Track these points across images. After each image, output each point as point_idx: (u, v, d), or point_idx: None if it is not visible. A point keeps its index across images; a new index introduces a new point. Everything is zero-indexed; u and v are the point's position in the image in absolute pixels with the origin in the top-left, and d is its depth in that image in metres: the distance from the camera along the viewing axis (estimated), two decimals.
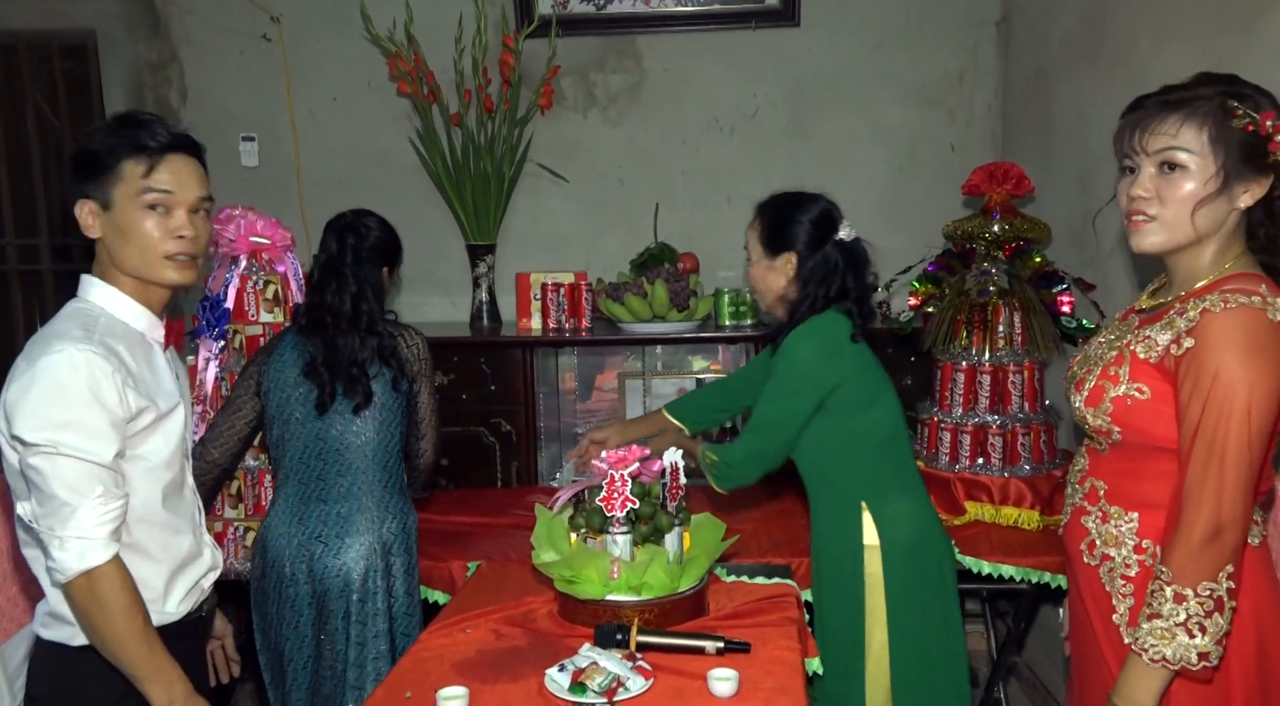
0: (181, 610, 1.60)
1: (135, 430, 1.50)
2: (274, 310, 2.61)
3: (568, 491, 1.95)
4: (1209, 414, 1.34)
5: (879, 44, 3.55)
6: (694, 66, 3.60)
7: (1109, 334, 1.59)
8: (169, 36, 3.66)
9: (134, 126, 1.54)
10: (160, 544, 1.57)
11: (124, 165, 1.52)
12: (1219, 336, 1.35)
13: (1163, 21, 2.36)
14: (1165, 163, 1.41)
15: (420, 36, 3.34)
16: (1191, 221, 1.41)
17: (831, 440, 1.99)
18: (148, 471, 1.54)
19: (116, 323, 1.55)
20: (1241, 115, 1.37)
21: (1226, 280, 1.42)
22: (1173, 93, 1.43)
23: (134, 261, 1.55)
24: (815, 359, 1.94)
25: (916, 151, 3.58)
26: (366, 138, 3.61)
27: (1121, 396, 1.46)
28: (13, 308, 3.86)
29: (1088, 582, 1.55)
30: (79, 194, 1.54)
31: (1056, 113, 3.02)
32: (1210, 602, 1.34)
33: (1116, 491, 1.52)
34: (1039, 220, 2.63)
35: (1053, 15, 3.07)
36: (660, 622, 1.76)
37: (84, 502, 1.42)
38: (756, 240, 2.06)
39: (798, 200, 2.06)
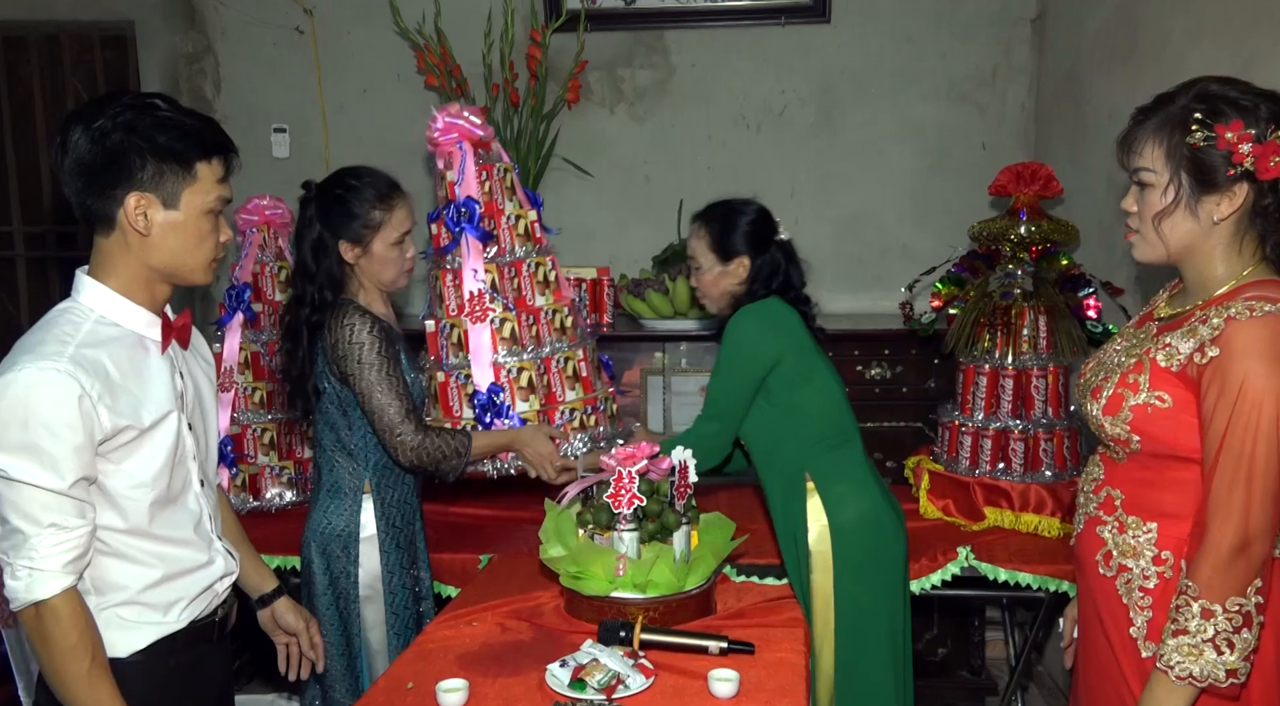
0: (185, 618, 1.53)
1: (114, 447, 1.41)
2: (287, 290, 2.69)
3: (576, 487, 1.95)
4: (1235, 425, 1.32)
5: (909, 39, 3.50)
6: (722, 62, 3.58)
7: (1125, 340, 1.56)
8: (204, 28, 3.72)
9: (192, 122, 1.46)
10: (154, 554, 1.49)
11: (200, 167, 1.45)
12: (1245, 345, 1.32)
13: (1195, 20, 2.31)
14: (1137, 180, 1.45)
15: (449, 30, 3.35)
16: (1159, 235, 1.42)
17: (773, 418, 2.07)
18: (133, 487, 1.45)
19: (107, 326, 1.45)
20: (1197, 130, 1.36)
21: (1247, 287, 1.39)
22: (1152, 104, 1.43)
23: (182, 261, 1.48)
24: (754, 336, 2.04)
25: (946, 149, 3.53)
26: (395, 130, 3.63)
27: (1141, 405, 1.43)
28: (55, 296, 3.95)
29: (1103, 594, 1.52)
30: (125, 187, 1.42)
31: (1088, 112, 2.96)
32: (1239, 618, 1.32)
33: (1134, 501, 1.49)
34: (1067, 222, 2.58)
35: (1087, 12, 3.01)
36: (665, 621, 1.76)
37: (36, 531, 1.34)
38: (706, 248, 2.15)
39: (739, 207, 2.16)
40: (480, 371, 2.15)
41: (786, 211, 3.61)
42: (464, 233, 2.18)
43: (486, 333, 2.16)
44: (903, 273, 3.22)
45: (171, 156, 1.43)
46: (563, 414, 2.20)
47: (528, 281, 2.24)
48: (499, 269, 2.21)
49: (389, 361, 2.01)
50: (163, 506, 1.49)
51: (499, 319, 2.18)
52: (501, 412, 2.14)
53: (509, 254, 2.23)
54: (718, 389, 2.09)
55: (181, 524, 1.53)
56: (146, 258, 1.46)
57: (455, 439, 2.07)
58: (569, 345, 2.25)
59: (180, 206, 1.45)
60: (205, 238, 1.49)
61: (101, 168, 1.41)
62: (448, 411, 2.20)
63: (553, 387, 2.21)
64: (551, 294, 2.26)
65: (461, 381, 2.17)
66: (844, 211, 3.60)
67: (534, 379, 2.18)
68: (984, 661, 3.21)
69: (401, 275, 2.12)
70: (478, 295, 2.16)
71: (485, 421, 2.14)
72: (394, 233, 2.07)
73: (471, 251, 2.18)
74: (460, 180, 2.20)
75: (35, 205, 3.94)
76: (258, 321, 2.76)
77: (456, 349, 2.19)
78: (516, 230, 2.25)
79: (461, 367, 2.17)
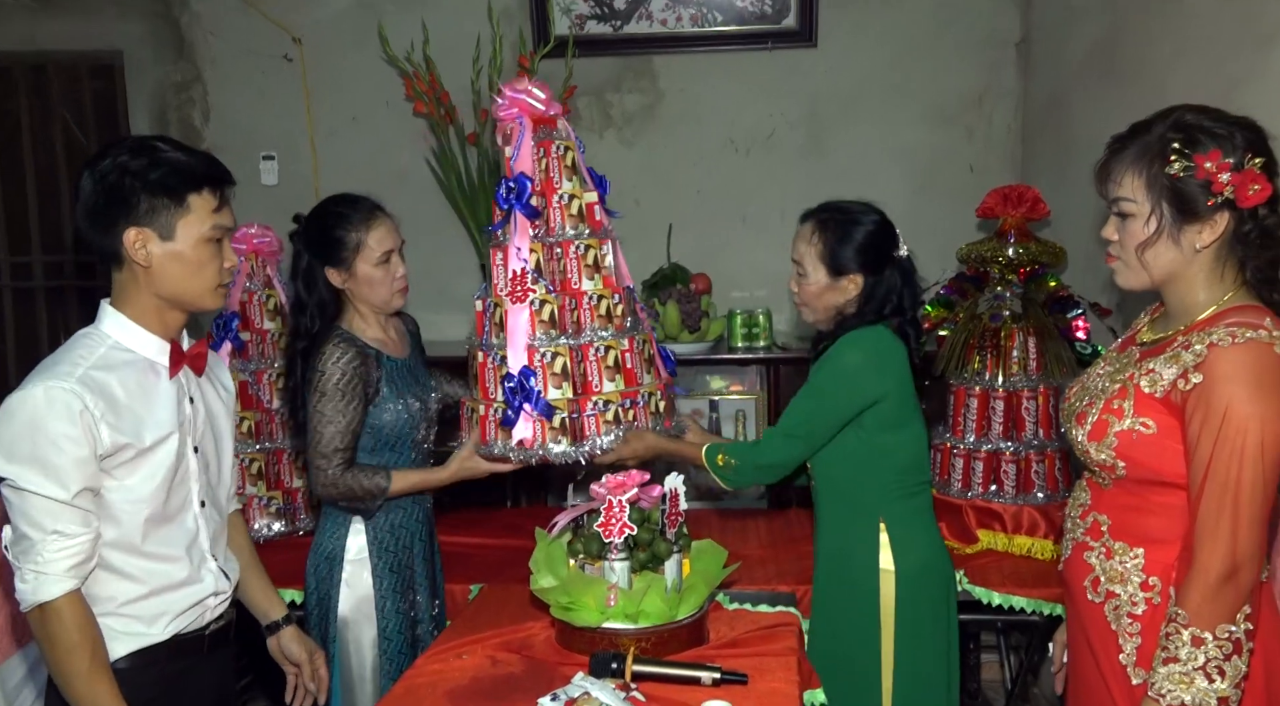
0: (169, 632, 1.60)
1: (116, 463, 1.52)
2: (275, 319, 2.70)
3: (566, 516, 1.94)
4: (1221, 451, 1.32)
5: (896, 63, 3.53)
6: (710, 87, 3.60)
7: (1108, 365, 1.57)
8: (194, 58, 3.73)
9: (183, 158, 1.55)
10: (143, 569, 1.57)
11: (192, 199, 1.54)
12: (1228, 372, 1.32)
13: (1178, 43, 2.33)
14: (1116, 210, 1.45)
15: (437, 57, 3.37)
16: (1141, 264, 1.44)
17: (860, 456, 1.95)
18: (130, 502, 1.54)
19: (121, 352, 1.57)
20: (1174, 160, 1.37)
21: (1228, 312, 1.39)
22: (1128, 134, 1.44)
23: (185, 290, 1.58)
24: (862, 368, 1.91)
25: (934, 172, 3.55)
26: (384, 157, 3.64)
27: (1126, 430, 1.43)
28: (38, 324, 3.93)
29: (1092, 620, 1.51)
30: (126, 222, 1.52)
31: (1074, 134, 2.98)
32: (1229, 645, 1.31)
33: (1121, 526, 1.48)
34: (1055, 244, 2.59)
35: (1071, 36, 3.04)
36: (657, 651, 1.74)
37: (42, 537, 1.45)
38: (816, 258, 1.98)
39: (858, 215, 1.99)
40: (514, 353, 2.03)
41: (776, 235, 3.63)
42: (513, 209, 2.07)
43: (525, 313, 2.04)
44: None
45: (162, 191, 1.53)
46: (595, 405, 2.05)
47: (574, 264, 2.10)
48: (544, 249, 2.09)
49: (344, 395, 2.02)
50: (158, 523, 1.58)
51: (539, 300, 2.05)
52: (531, 397, 2.01)
53: (557, 234, 2.11)
54: (808, 410, 1.95)
55: (175, 541, 1.61)
56: (153, 287, 1.57)
57: (373, 480, 2.04)
58: (613, 334, 2.10)
59: (176, 237, 1.55)
60: (205, 265, 1.58)
61: (102, 207, 1.53)
62: (484, 392, 2.09)
63: (589, 377, 2.08)
64: (601, 279, 2.12)
65: (497, 362, 2.07)
66: None
67: (568, 366, 2.04)
68: (980, 685, 3.18)
69: (394, 295, 2.12)
70: (520, 274, 2.05)
71: (515, 405, 2.01)
72: (375, 252, 2.07)
73: (519, 229, 2.07)
74: (516, 156, 2.10)
75: (22, 236, 3.93)
76: (245, 350, 2.75)
77: (497, 329, 2.09)
78: (569, 210, 2.11)
79: (499, 348, 2.06)
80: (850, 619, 1.98)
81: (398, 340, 2.20)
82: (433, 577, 2.23)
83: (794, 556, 2.50)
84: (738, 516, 2.93)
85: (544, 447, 2.01)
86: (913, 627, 1.94)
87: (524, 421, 2.01)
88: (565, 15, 3.54)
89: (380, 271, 2.08)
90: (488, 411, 2.07)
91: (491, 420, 2.06)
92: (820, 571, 2.07)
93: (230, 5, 3.64)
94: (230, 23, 3.67)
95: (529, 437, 2.01)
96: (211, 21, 3.68)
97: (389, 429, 2.09)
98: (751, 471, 1.99)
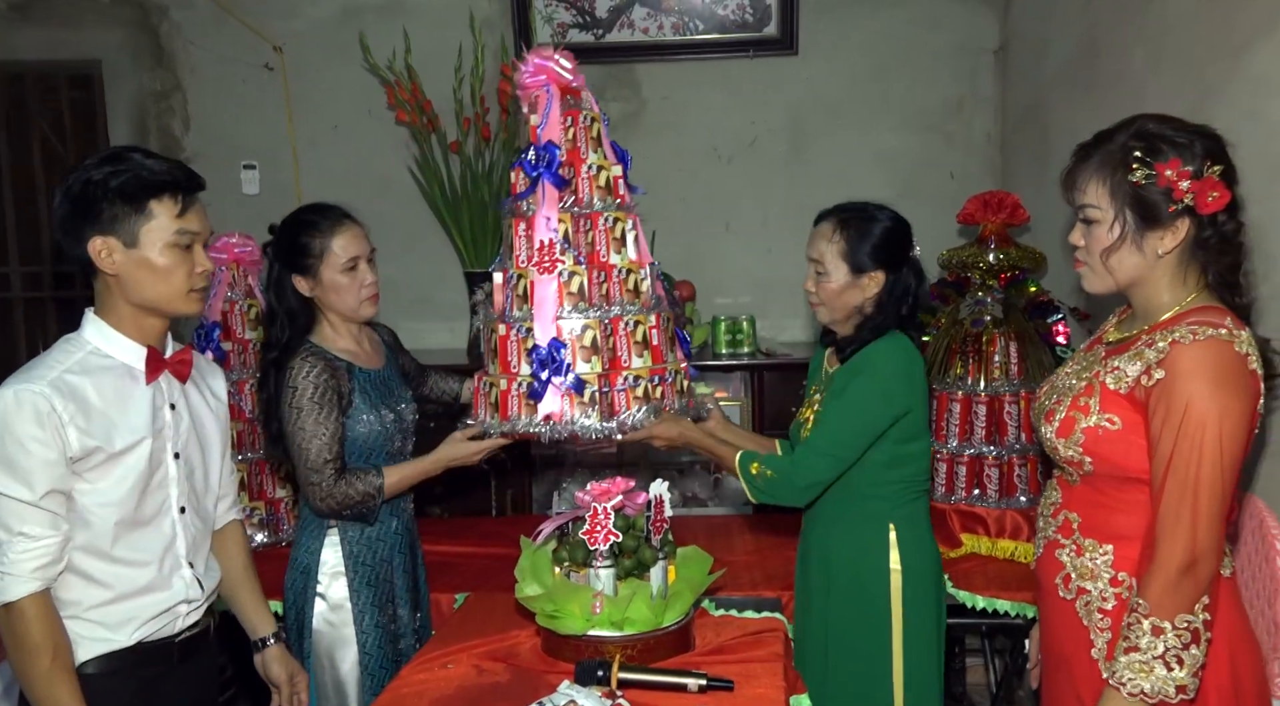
0: (134, 638, 1.60)
1: (86, 467, 1.53)
2: (257, 328, 2.69)
3: (551, 523, 1.93)
4: (1181, 445, 1.36)
5: (877, 71, 3.56)
6: (693, 95, 3.61)
7: (1075, 364, 1.61)
8: (173, 66, 3.71)
9: (152, 165, 1.57)
10: (110, 574, 1.58)
11: (153, 205, 1.56)
12: (1190, 368, 1.37)
13: (1154, 51, 2.36)
14: (1082, 217, 1.50)
15: (419, 66, 3.37)
16: (1106, 269, 1.48)
17: (878, 465, 1.94)
18: (101, 505, 1.56)
19: (98, 358, 1.59)
20: (1137, 168, 1.41)
21: (1190, 313, 1.44)
22: (1092, 142, 1.48)
23: (155, 295, 1.59)
24: (896, 381, 1.90)
25: (915, 178, 3.57)
26: (366, 165, 3.63)
27: (1093, 427, 1.47)
28: (16, 335, 3.89)
29: (1063, 617, 1.55)
30: (89, 231, 1.55)
31: (1053, 141, 3.01)
32: (1188, 635, 1.35)
33: (1090, 524, 1.52)
34: (1034, 249, 2.61)
35: (1049, 44, 3.07)
36: (643, 659, 1.73)
37: (9, 538, 1.48)
38: (837, 256, 1.96)
39: (876, 213, 1.99)
40: (542, 326, 1.96)
41: (759, 241, 3.66)
42: (541, 178, 1.99)
43: (553, 285, 1.97)
44: None
45: (122, 198, 1.55)
46: (625, 380, 1.98)
47: (602, 236, 2.04)
48: (573, 220, 2.02)
49: (321, 407, 1.99)
50: (129, 527, 1.59)
51: (568, 272, 1.98)
52: (561, 370, 1.93)
53: (585, 205, 2.03)
54: (846, 427, 1.90)
55: (147, 546, 1.62)
56: (125, 294, 1.59)
57: (366, 480, 2.01)
58: (641, 309, 2.04)
59: (140, 244, 1.57)
60: (173, 270, 1.59)
61: (70, 216, 1.56)
62: (505, 367, 2.00)
63: (618, 351, 2.00)
64: (628, 254, 2.07)
65: (522, 335, 1.98)
66: None
67: (598, 339, 1.97)
68: (965, 688, 3.19)
69: (362, 303, 2.09)
70: (548, 245, 1.98)
71: (543, 378, 1.94)
72: (340, 258, 2.04)
73: (547, 198, 1.99)
74: (543, 124, 2.02)
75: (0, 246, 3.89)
76: (228, 360, 2.73)
77: (521, 301, 2.01)
78: (597, 181, 2.05)
79: (524, 321, 1.98)
80: (861, 619, 1.97)
81: (371, 351, 2.18)
82: (415, 590, 2.20)
83: (779, 561, 2.50)
84: (722, 522, 2.93)
85: (574, 422, 1.93)
86: (918, 623, 1.95)
87: (552, 395, 1.93)
88: (547, 24, 3.54)
89: (346, 278, 2.06)
90: (510, 386, 1.97)
91: (515, 395, 1.96)
92: (822, 575, 2.02)
93: (210, 14, 3.62)
94: (210, 32, 3.65)
95: (557, 412, 1.94)
96: (191, 30, 3.67)
97: (362, 441, 2.07)
98: (788, 490, 1.93)
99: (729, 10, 3.52)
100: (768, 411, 3.18)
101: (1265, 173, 1.89)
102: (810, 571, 2.06)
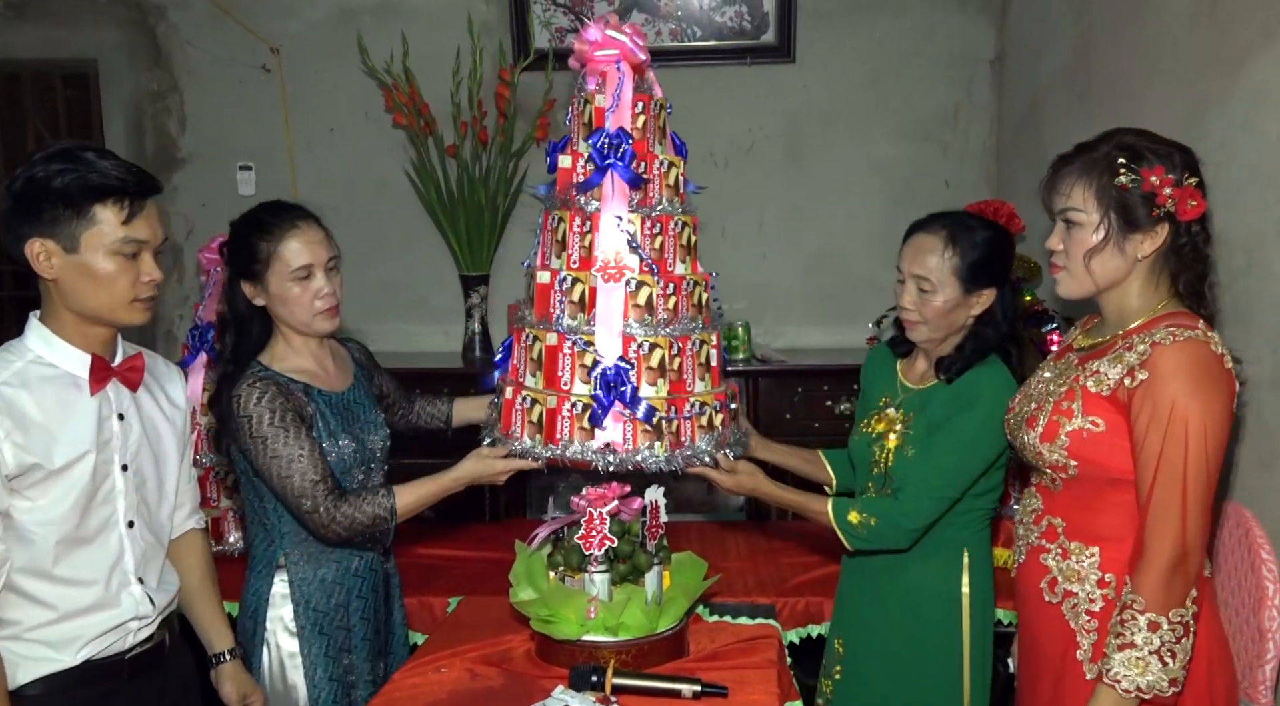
0: (80, 657, 1.53)
1: (25, 484, 1.46)
2: None
3: (547, 528, 1.93)
4: (1168, 444, 1.40)
5: (874, 79, 3.57)
6: (690, 101, 3.60)
7: (1048, 372, 1.64)
8: (170, 67, 3.70)
9: (102, 166, 1.47)
10: (53, 594, 1.51)
11: (97, 210, 1.47)
12: (1172, 368, 1.41)
13: (1149, 61, 2.37)
14: (1064, 219, 1.52)
15: (417, 69, 3.37)
16: (1088, 271, 1.51)
17: (970, 493, 1.85)
18: (40, 524, 1.48)
19: (40, 367, 1.51)
20: (1124, 173, 1.45)
21: (1164, 318, 1.48)
22: (1073, 153, 1.53)
23: (97, 304, 1.51)
24: (1000, 413, 1.75)
25: (911, 186, 3.58)
26: (363, 167, 3.63)
27: (1077, 430, 1.50)
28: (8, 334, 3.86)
29: (1047, 621, 1.57)
30: (28, 232, 1.47)
31: (1048, 150, 3.00)
32: (1180, 628, 1.39)
33: (1075, 527, 1.55)
34: (1029, 258, 2.62)
35: (1044, 53, 3.09)
36: (637, 664, 1.73)
37: None
38: (950, 273, 1.81)
39: (978, 225, 1.85)
40: (608, 340, 1.72)
41: (756, 247, 3.67)
42: (611, 170, 1.74)
43: (620, 295, 1.73)
44: (871, 307, 3.26)
45: (63, 201, 1.46)
46: (692, 406, 1.77)
47: (672, 243, 1.79)
48: (641, 222, 1.77)
49: (286, 430, 1.77)
50: (72, 545, 1.52)
51: (635, 281, 1.74)
52: (627, 396, 1.70)
53: (655, 206, 1.78)
54: (955, 466, 1.79)
55: (92, 564, 1.54)
56: (64, 301, 1.51)
57: (374, 503, 1.78)
58: (704, 327, 1.82)
59: (80, 250, 1.48)
60: (115, 279, 1.49)
61: (10, 214, 1.48)
62: (553, 382, 1.74)
63: (684, 373, 1.77)
64: (690, 263, 1.85)
65: (580, 348, 1.74)
66: (812, 247, 3.64)
67: (666, 360, 1.74)
68: None
69: (315, 317, 1.85)
70: (615, 249, 1.74)
71: (606, 401, 1.70)
72: (289, 265, 1.82)
73: (616, 194, 1.74)
74: (614, 107, 1.75)
75: None
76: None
77: (577, 309, 1.75)
78: (667, 180, 1.80)
79: (580, 331, 1.74)
80: (933, 649, 1.90)
81: (335, 370, 1.96)
82: (380, 637, 1.98)
83: (773, 568, 2.51)
84: (716, 528, 2.93)
85: (637, 453, 1.70)
86: (982, 645, 1.92)
87: (614, 421, 1.70)
88: (545, 28, 3.55)
89: (297, 288, 1.83)
90: (561, 405, 1.72)
91: (567, 415, 1.72)
92: (891, 601, 1.92)
93: (207, 15, 3.62)
94: (207, 32, 3.64)
95: (619, 440, 1.70)
96: (188, 31, 3.66)
97: None
98: (896, 534, 1.81)
99: (727, 17, 3.53)
100: (763, 418, 3.18)
101: (1261, 184, 1.90)
102: (867, 595, 1.97)
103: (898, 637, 1.92)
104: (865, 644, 1.98)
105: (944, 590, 1.90)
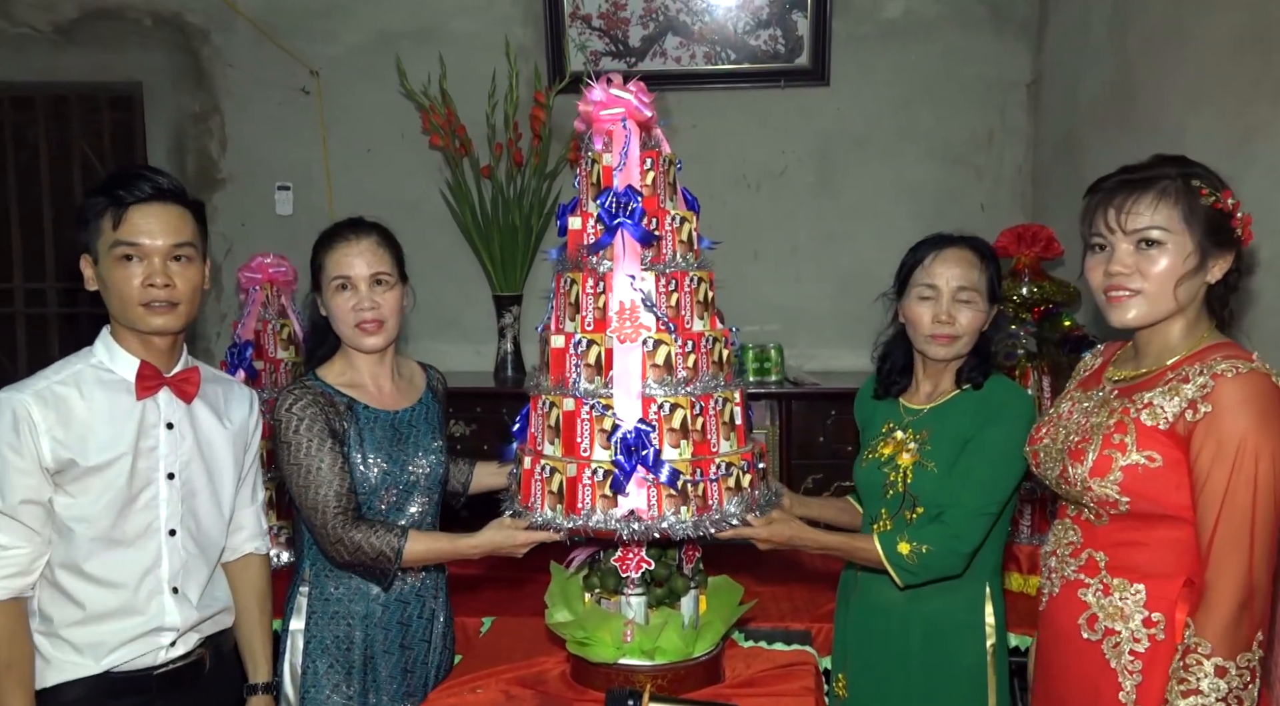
0: (104, 665, 1.56)
1: (66, 479, 1.54)
2: (289, 348, 2.71)
3: (583, 551, 1.92)
4: (1236, 480, 1.35)
5: (907, 103, 3.57)
6: (723, 124, 3.63)
7: (1083, 401, 1.57)
8: (211, 89, 3.77)
9: (112, 180, 1.60)
10: (82, 592, 1.56)
11: (99, 220, 1.58)
12: (1239, 402, 1.35)
13: (1194, 89, 2.35)
14: (1143, 240, 1.44)
15: (453, 91, 3.41)
16: (1174, 295, 1.44)
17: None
18: (76, 519, 1.55)
19: (99, 372, 1.61)
20: (1208, 194, 1.42)
21: (1213, 348, 1.43)
22: (1136, 172, 1.47)
23: (113, 309, 1.62)
24: (1030, 424, 1.75)
25: (944, 210, 3.57)
26: (398, 188, 3.67)
27: (1132, 465, 1.43)
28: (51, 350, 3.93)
29: (1085, 659, 1.50)
30: (80, 248, 1.62)
31: (1086, 175, 2.98)
32: (1248, 673, 1.34)
33: (1119, 563, 1.48)
34: (1068, 283, 2.60)
35: (1082, 78, 3.07)
36: (673, 689, 1.72)
37: None
38: (986, 288, 1.89)
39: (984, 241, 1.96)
40: (626, 402, 1.68)
41: (788, 270, 3.66)
42: (621, 229, 1.71)
43: (637, 355, 1.69)
44: None
45: (87, 215, 1.59)
46: (718, 468, 1.72)
47: (688, 299, 1.76)
48: (655, 279, 1.74)
49: (312, 440, 1.77)
50: (107, 545, 1.56)
51: (652, 340, 1.70)
52: (649, 460, 1.65)
53: (668, 262, 1.75)
54: (997, 482, 1.77)
55: (125, 567, 1.58)
56: (109, 310, 1.62)
57: (384, 538, 1.75)
58: (726, 384, 1.77)
59: (99, 260, 1.60)
60: (118, 284, 1.58)
61: (76, 238, 1.63)
62: (571, 449, 1.70)
63: (707, 434, 1.72)
64: (709, 319, 1.80)
65: (598, 412, 1.70)
66: (844, 270, 3.63)
67: (688, 420, 1.69)
68: None
69: (353, 330, 1.84)
70: (630, 308, 1.71)
71: (628, 466, 1.63)
72: (329, 276, 1.85)
73: (628, 253, 1.71)
74: (621, 166, 1.74)
75: (38, 263, 3.94)
76: (259, 379, 2.75)
77: (594, 372, 1.72)
78: (680, 235, 1.77)
79: (598, 395, 1.70)
80: (958, 685, 1.87)
81: (391, 390, 1.94)
82: (410, 673, 1.93)
83: (807, 593, 2.48)
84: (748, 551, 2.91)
85: (662, 520, 1.64)
86: (1002, 674, 1.89)
87: (637, 487, 1.64)
88: (580, 52, 3.58)
89: (336, 300, 1.83)
90: (581, 473, 1.67)
91: (588, 484, 1.66)
92: (914, 635, 1.88)
93: (249, 38, 3.69)
94: (249, 55, 3.71)
95: (643, 507, 1.63)
96: (231, 54, 3.73)
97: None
98: (951, 559, 1.77)
99: (761, 41, 3.55)
100: (795, 440, 3.16)
101: None
102: (878, 630, 1.94)
103: (919, 671, 1.87)
104: (875, 684, 1.93)
105: (968, 621, 1.86)
